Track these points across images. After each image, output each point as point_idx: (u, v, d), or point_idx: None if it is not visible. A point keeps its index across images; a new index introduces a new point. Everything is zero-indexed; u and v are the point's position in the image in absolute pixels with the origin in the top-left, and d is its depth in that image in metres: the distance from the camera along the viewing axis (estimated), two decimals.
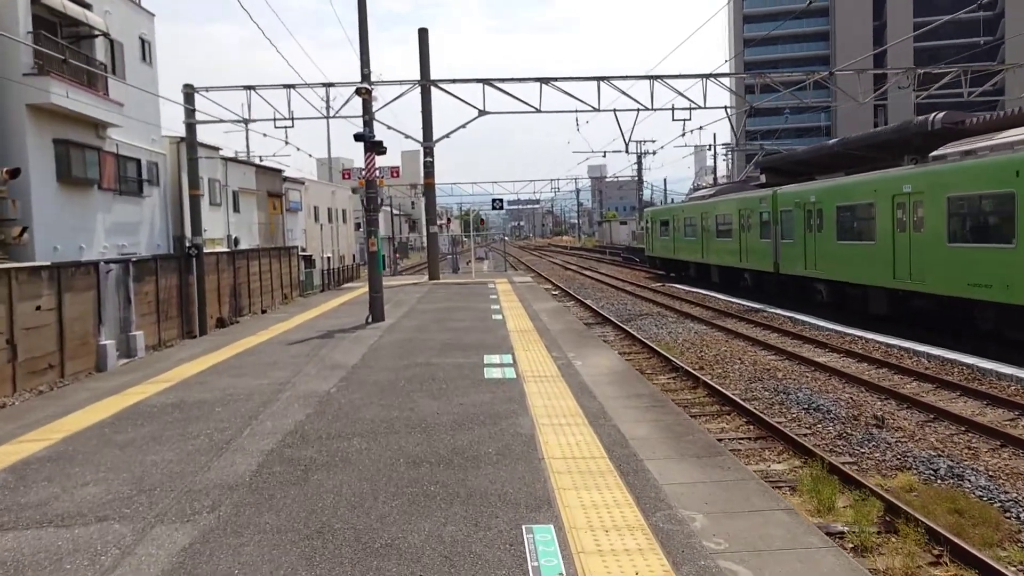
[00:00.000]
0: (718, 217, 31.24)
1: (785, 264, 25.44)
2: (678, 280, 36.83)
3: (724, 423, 12.83)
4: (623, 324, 23.14)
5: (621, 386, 9.33)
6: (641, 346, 19.67)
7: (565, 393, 8.92)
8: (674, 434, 7.13)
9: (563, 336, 13.64)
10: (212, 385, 10.03)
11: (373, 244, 15.79)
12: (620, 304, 28.95)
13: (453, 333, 14.13)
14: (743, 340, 20.21)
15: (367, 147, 15.76)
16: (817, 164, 30.22)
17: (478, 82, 27.29)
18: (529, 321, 15.83)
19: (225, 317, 30.33)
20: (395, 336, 14.02)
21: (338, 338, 13.98)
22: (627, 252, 55.89)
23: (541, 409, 8.13)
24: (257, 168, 37.03)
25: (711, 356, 18.28)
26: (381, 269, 16.12)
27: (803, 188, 24.65)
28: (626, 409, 8.11)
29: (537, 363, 10.93)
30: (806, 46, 77.73)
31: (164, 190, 27.44)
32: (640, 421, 7.61)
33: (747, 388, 15.05)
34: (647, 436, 7.05)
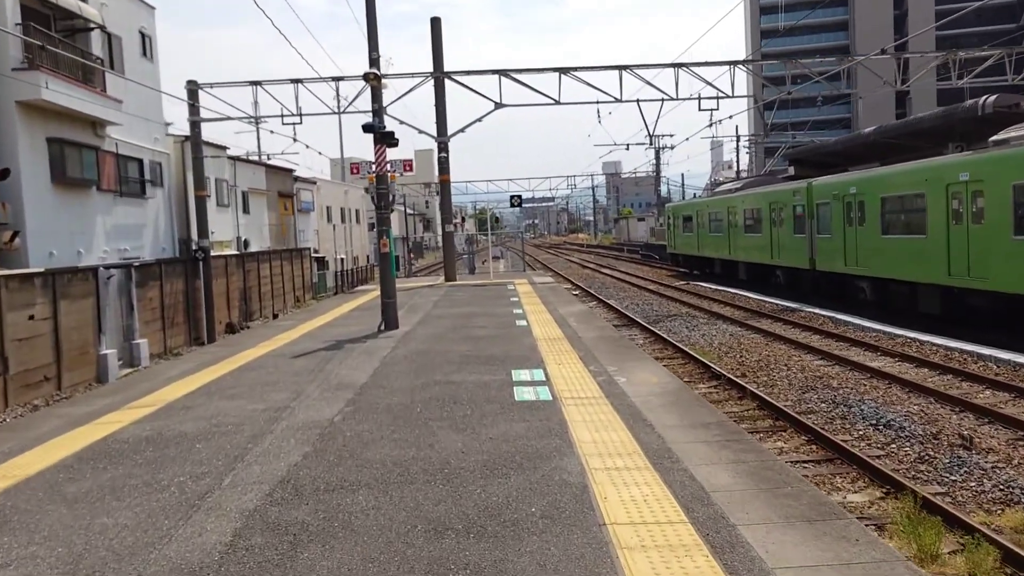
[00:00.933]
0: (746, 212, 29.52)
1: (822, 260, 23.72)
2: (702, 278, 35.12)
3: (781, 441, 11.22)
4: (651, 326, 21.52)
5: (679, 411, 7.73)
6: (674, 350, 18.05)
7: (614, 422, 7.33)
8: (766, 483, 5.54)
9: (598, 345, 12.04)
10: (199, 411, 8.52)
11: (385, 245, 14.27)
12: (645, 304, 27.31)
13: (474, 343, 12.56)
14: (784, 343, 18.55)
15: (377, 139, 14.23)
16: (850, 155, 28.45)
17: (494, 73, 25.71)
18: (557, 328, 14.24)
19: (235, 322, 28.93)
20: (410, 347, 12.47)
21: (347, 349, 12.44)
22: (646, 249, 54.16)
23: (589, 445, 6.55)
24: (267, 168, 35.63)
25: (753, 362, 16.64)
26: (394, 271, 14.60)
27: (842, 179, 22.92)
28: (693, 444, 6.52)
29: (574, 380, 9.34)
30: (825, 36, 75.50)
31: (168, 191, 26.04)
32: (716, 463, 6.02)
33: (800, 399, 13.43)
34: (732, 486, 5.47)
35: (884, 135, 25.42)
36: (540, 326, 14.54)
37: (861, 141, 26.77)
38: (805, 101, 58.60)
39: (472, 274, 33.21)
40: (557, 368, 10.08)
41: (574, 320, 15.48)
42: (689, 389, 9.07)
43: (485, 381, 9.39)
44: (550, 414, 7.68)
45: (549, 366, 10.23)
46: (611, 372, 9.79)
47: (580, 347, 11.86)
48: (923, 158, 20.74)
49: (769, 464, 6.01)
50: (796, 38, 69.57)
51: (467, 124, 26.45)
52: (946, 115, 22.05)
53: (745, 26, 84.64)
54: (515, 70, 25.69)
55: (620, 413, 7.64)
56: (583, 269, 46.79)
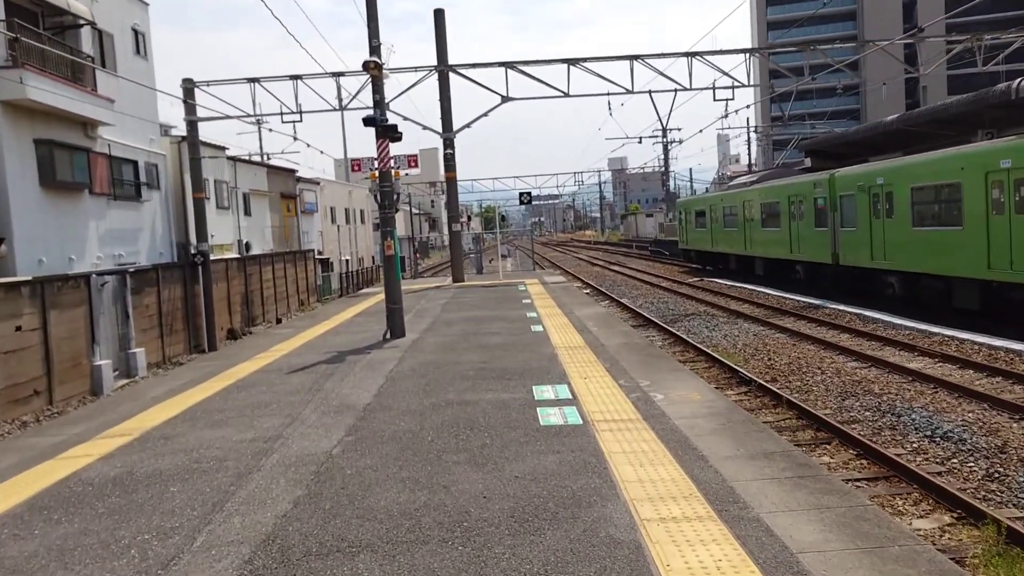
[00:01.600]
0: (763, 205, 28.31)
1: (846, 254, 22.51)
2: (716, 274, 33.92)
3: (826, 455, 10.07)
4: (669, 327, 20.38)
5: (734, 437, 6.58)
6: (695, 352, 16.91)
7: (659, 453, 6.20)
8: (865, 539, 4.40)
9: (624, 354, 10.89)
10: (179, 442, 7.41)
11: (390, 247, 13.14)
12: (660, 303, 26.15)
13: (488, 352, 11.43)
14: (812, 343, 17.38)
15: (379, 133, 13.10)
16: (871, 144, 27.23)
17: (500, 66, 24.56)
18: (576, 334, 13.09)
19: (236, 328, 27.87)
20: (418, 358, 11.34)
21: (350, 362, 11.32)
22: (655, 246, 52.88)
23: (635, 486, 5.42)
24: (269, 169, 34.55)
25: (782, 364, 15.49)
26: (400, 275, 13.47)
27: (867, 169, 21.71)
28: (760, 483, 5.38)
29: (604, 398, 8.21)
30: (833, 27, 73.99)
31: (165, 194, 24.96)
32: (794, 509, 4.88)
33: (840, 406, 12.29)
34: (823, 544, 4.34)
35: (908, 123, 24.19)
36: (558, 331, 13.40)
37: (883, 130, 25.54)
38: (814, 92, 57.33)
39: (480, 274, 32.07)
40: (583, 383, 8.93)
41: (593, 324, 14.33)
42: (739, 408, 7.92)
43: (504, 400, 8.25)
44: (583, 443, 6.54)
45: (574, 380, 9.09)
46: (644, 387, 8.65)
47: (604, 356, 10.72)
48: (949, 146, 19.55)
49: (860, 511, 4.85)
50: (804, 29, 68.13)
51: (473, 119, 25.32)
52: (976, 101, 20.82)
53: (752, 18, 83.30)
54: (522, 62, 24.56)
55: (664, 441, 6.50)
56: (592, 267, 45.62)
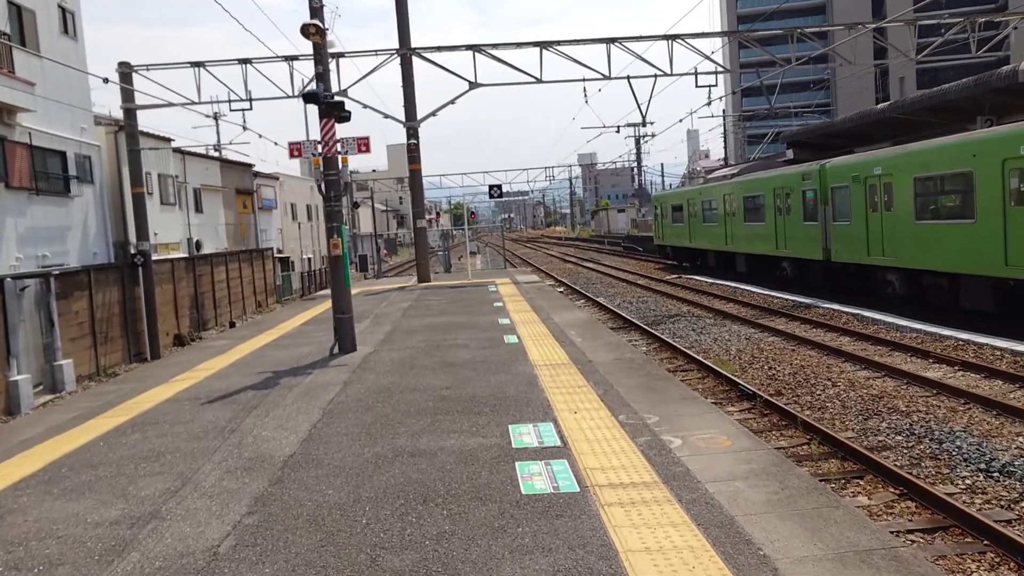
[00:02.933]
0: (746, 199, 26.44)
1: (839, 250, 20.68)
2: (694, 270, 32.06)
3: (862, 494, 8.07)
4: (652, 329, 18.37)
5: (800, 517, 4.50)
6: (685, 359, 14.91)
7: (701, 552, 4.10)
8: None
9: (619, 374, 8.79)
10: (11, 528, 5.16)
11: (336, 246, 10.91)
12: (639, 302, 24.15)
13: (453, 373, 9.26)
14: (812, 348, 15.45)
15: (322, 111, 10.85)
16: (858, 134, 25.50)
17: (467, 49, 22.34)
18: (557, 346, 10.97)
19: (185, 333, 25.35)
20: (367, 382, 9.14)
21: (283, 388, 9.09)
22: (628, 242, 50.92)
23: None
24: (223, 163, 31.96)
25: (786, 375, 13.51)
26: (349, 282, 11.21)
27: (863, 158, 19.87)
28: None
29: (604, 444, 6.10)
30: (802, 20, 72.57)
31: (101, 188, 22.36)
32: None
33: (864, 428, 10.33)
34: None
35: (900, 110, 22.44)
36: (535, 343, 11.27)
37: (872, 119, 23.79)
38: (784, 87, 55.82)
39: (448, 272, 29.86)
40: (573, 419, 6.81)
41: (575, 333, 12.21)
42: (789, 462, 5.84)
43: (471, 449, 6.10)
44: (584, 530, 4.42)
45: (561, 415, 6.97)
46: (652, 425, 6.56)
47: (594, 378, 8.61)
48: (943, 135, 17.82)
49: None
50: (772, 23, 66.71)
51: (439, 107, 23.10)
52: (978, 85, 19.07)
53: (721, 10, 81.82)
54: (491, 45, 22.36)
55: (702, 524, 4.40)
56: (565, 264, 43.59)
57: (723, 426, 6.59)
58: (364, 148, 11.08)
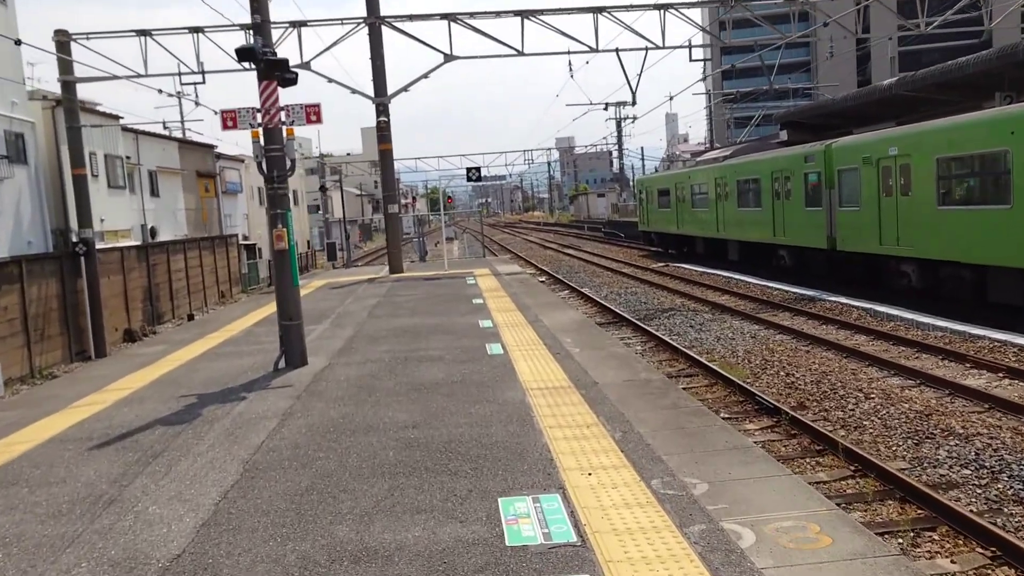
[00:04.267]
0: (740, 183, 24.51)
1: (846, 238, 18.81)
2: (681, 258, 30.15)
3: (941, 555, 6.15)
4: (645, 324, 16.44)
5: None
6: (687, 362, 12.97)
7: None
8: None
9: (637, 405, 6.76)
10: None
11: (281, 238, 8.77)
12: (627, 293, 22.17)
13: (423, 402, 7.18)
14: (828, 348, 13.55)
15: (262, 72, 8.66)
16: (860, 114, 23.62)
17: (442, 18, 20.08)
18: (552, 360, 8.90)
19: (136, 328, 22.98)
20: (312, 415, 7.03)
21: (204, 420, 6.96)
22: (609, 227, 48.92)
23: None
24: (182, 143, 29.41)
25: (807, 382, 11.59)
26: (297, 281, 9.02)
27: (876, 137, 17.97)
28: None
29: (640, 540, 4.08)
30: None
31: (36, 170, 19.89)
32: None
33: (917, 456, 8.45)
34: None
35: (908, 87, 20.56)
36: (525, 355, 9.22)
37: (877, 97, 21.91)
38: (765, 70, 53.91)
39: (423, 261, 27.65)
40: (588, 487, 4.78)
41: (571, 340, 10.16)
42: None
43: (444, 549, 4.05)
44: None
45: (570, 478, 4.93)
46: (700, 497, 4.55)
47: (605, 409, 6.58)
48: (955, 113, 16.01)
49: None
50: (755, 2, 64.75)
51: (411, 81, 20.84)
52: (1000, 58, 17.24)
53: None
54: (467, 13, 20.11)
55: None
56: (545, 250, 41.53)
57: (806, 502, 4.57)
58: (315, 118, 8.91)
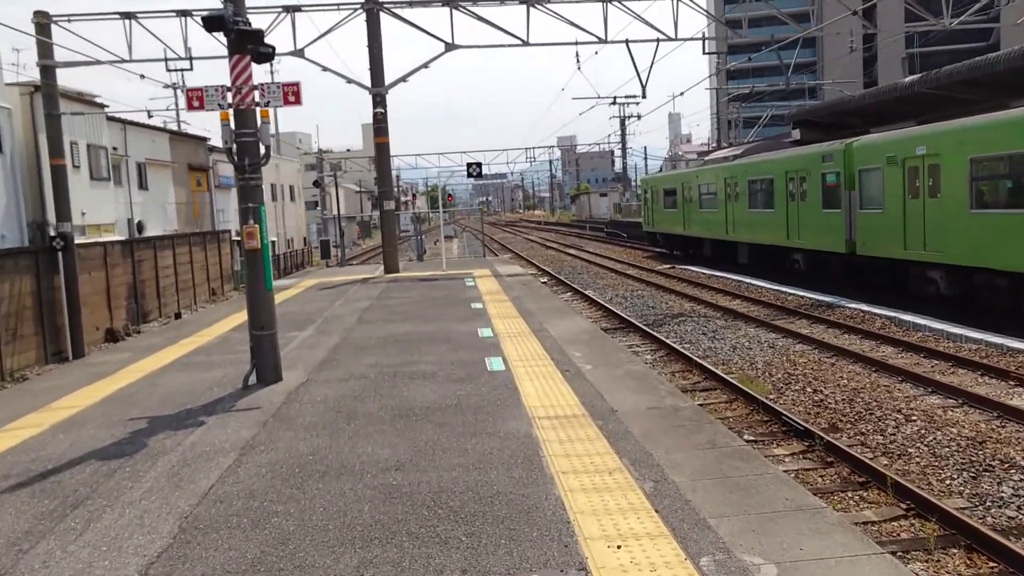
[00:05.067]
0: (752, 183, 23.32)
1: (867, 242, 17.62)
2: (688, 260, 28.97)
3: None
4: (654, 331, 15.26)
5: None
6: (701, 374, 11.79)
7: None
8: None
9: (668, 443, 5.56)
10: None
11: (253, 235, 7.58)
12: (634, 296, 20.96)
13: (411, 435, 5.98)
14: (857, 362, 12.34)
15: (233, 44, 7.46)
16: (876, 113, 22.45)
17: (444, 4, 18.88)
18: (560, 379, 7.71)
19: (119, 328, 21.73)
20: (277, 450, 5.82)
21: (148, 455, 5.77)
22: (611, 227, 47.68)
23: None
24: (173, 135, 28.18)
25: (838, 400, 10.40)
26: (270, 285, 7.81)
27: (901, 136, 16.78)
28: None
29: None
30: None
31: (12, 159, 18.69)
32: None
33: (977, 492, 7.33)
34: None
35: (932, 84, 19.38)
36: (529, 371, 8.03)
37: (897, 95, 20.72)
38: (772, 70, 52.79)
39: (420, 261, 26.45)
40: (615, 561, 3.59)
41: (581, 354, 8.96)
42: None
43: None
44: None
45: (593, 552, 3.75)
46: None
47: (628, 448, 5.39)
48: (979, 113, 14.87)
49: None
50: None
51: (410, 71, 19.64)
52: None
53: None
54: (470, 0, 18.92)
55: None
56: (546, 250, 40.32)
57: None
58: (293, 98, 7.71)
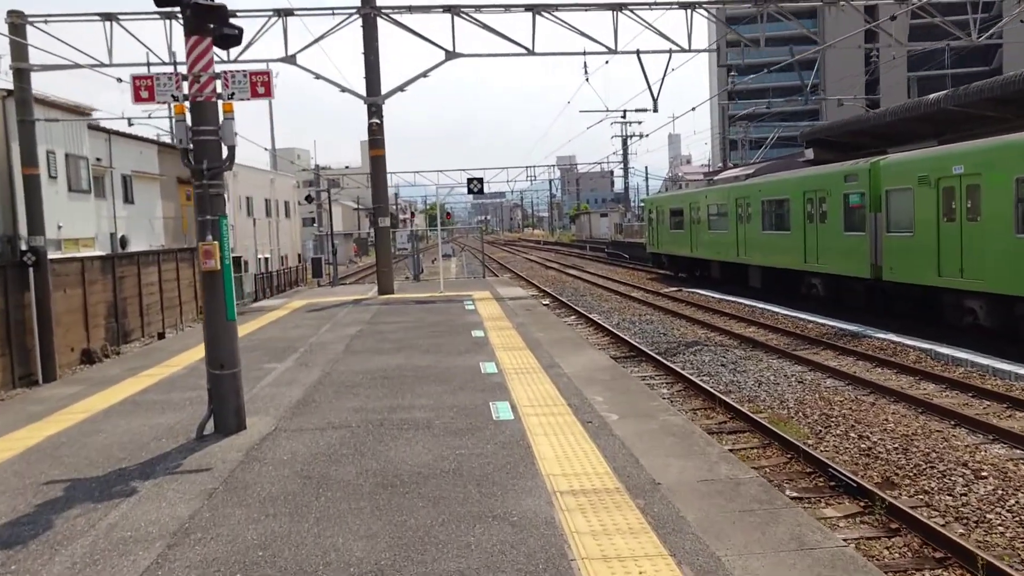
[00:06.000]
0: (766, 203, 21.99)
1: (896, 268, 16.24)
2: (694, 282, 27.59)
3: None
4: (668, 361, 13.84)
5: None
6: (726, 411, 10.36)
7: None
8: None
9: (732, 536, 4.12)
10: None
11: (210, 254, 6.15)
12: (643, 321, 19.50)
13: (396, 518, 4.52)
14: (900, 401, 10.88)
15: (189, 24, 6.10)
16: (893, 133, 21.23)
17: (444, 11, 17.60)
18: (584, 436, 6.24)
19: (96, 348, 20.24)
20: (219, 537, 4.36)
21: (45, 542, 4.32)
22: (613, 248, 46.34)
23: None
24: (161, 147, 26.83)
25: (890, 448, 8.95)
26: (233, 314, 6.36)
27: (935, 154, 15.46)
28: None
29: None
30: None
31: None
32: None
33: None
34: None
35: (959, 102, 18.13)
36: (544, 421, 6.58)
37: (920, 113, 19.47)
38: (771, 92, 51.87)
39: (416, 281, 25.03)
40: None
41: (606, 402, 7.50)
42: None
43: None
44: None
45: None
46: None
47: (687, 548, 3.94)
48: (1014, 131, 13.61)
49: None
50: None
51: (407, 80, 18.32)
52: None
53: None
54: (472, 6, 17.63)
55: None
56: (547, 270, 38.93)
57: None
58: (262, 89, 6.34)
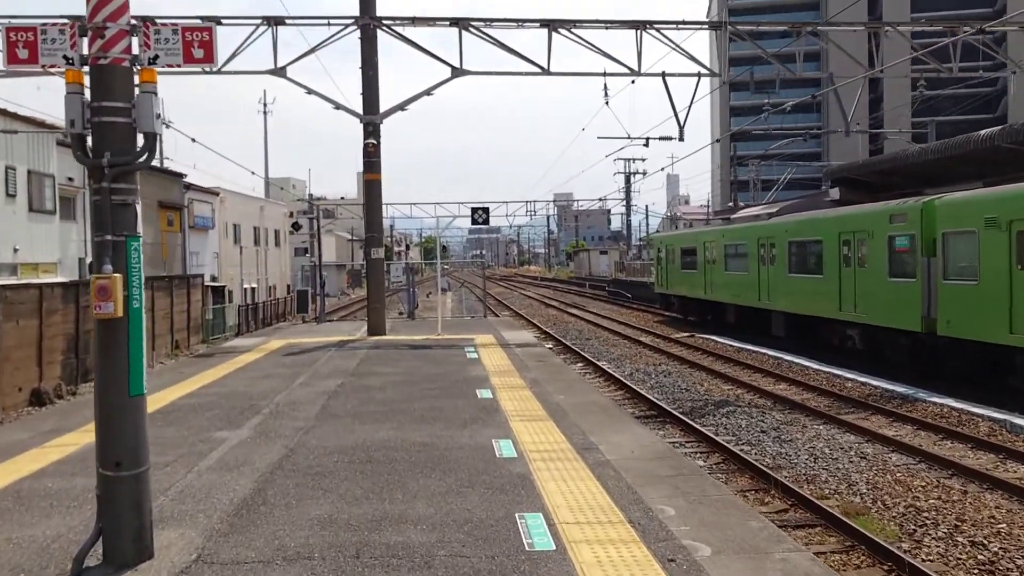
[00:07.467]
0: (792, 244, 19.92)
1: (955, 321, 14.07)
2: (705, 326, 25.43)
3: None
4: (697, 424, 11.62)
5: None
6: (785, 497, 8.09)
7: None
8: None
9: None
10: None
11: (106, 292, 4.02)
12: (658, 373, 17.19)
13: None
14: (995, 488, 8.67)
15: None
16: (929, 173, 19.30)
17: (451, 24, 15.62)
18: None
19: (49, 389, 17.72)
20: None
21: None
22: (614, 286, 44.30)
23: None
24: None
25: (1019, 563, 6.71)
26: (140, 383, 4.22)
27: (1005, 194, 13.41)
28: None
29: None
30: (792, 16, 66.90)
31: None
32: None
33: None
34: None
35: (1016, 139, 16.21)
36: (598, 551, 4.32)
37: (967, 151, 17.51)
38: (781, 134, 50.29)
39: (411, 318, 22.73)
40: None
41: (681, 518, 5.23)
42: None
43: None
44: None
45: None
46: None
47: None
48: None
49: None
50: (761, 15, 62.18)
51: (409, 98, 16.27)
52: None
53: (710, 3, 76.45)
54: (482, 20, 15.65)
55: None
56: (547, 308, 36.70)
57: None
58: (202, 53, 4.21)
